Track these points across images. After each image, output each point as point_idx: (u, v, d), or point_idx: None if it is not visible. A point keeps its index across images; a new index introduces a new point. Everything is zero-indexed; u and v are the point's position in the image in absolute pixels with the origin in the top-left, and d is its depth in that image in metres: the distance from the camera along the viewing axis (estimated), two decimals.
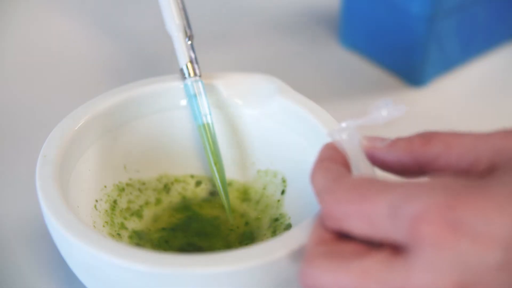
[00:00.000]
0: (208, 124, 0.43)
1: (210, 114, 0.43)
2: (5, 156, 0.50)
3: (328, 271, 0.29)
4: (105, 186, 0.42)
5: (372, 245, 0.30)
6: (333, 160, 0.34)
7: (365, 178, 0.31)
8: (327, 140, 0.40)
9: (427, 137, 0.33)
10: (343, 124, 0.35)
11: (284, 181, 0.43)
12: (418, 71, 0.58)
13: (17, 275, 0.42)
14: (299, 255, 0.33)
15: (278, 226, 0.42)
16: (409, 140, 0.34)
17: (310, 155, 0.42)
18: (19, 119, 0.54)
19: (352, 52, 0.62)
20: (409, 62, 0.58)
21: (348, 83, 0.57)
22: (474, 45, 0.61)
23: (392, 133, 0.36)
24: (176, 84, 0.44)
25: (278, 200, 0.43)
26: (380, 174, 0.34)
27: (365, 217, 0.29)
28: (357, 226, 0.30)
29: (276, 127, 0.44)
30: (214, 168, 0.42)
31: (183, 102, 0.44)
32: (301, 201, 0.41)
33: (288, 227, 0.41)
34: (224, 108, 0.44)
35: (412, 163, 0.33)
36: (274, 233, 0.41)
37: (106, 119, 0.42)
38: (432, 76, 0.59)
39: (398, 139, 0.34)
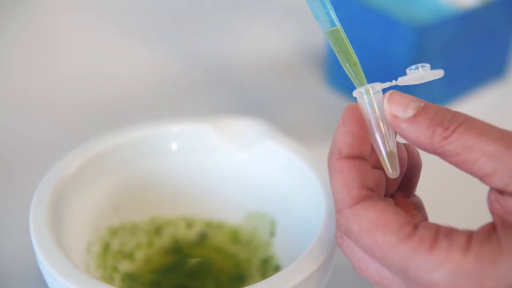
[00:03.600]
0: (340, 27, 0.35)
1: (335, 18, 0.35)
2: (0, 198, 0.51)
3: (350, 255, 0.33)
4: (98, 229, 0.43)
5: None
6: (353, 151, 0.32)
7: (382, 215, 0.30)
8: (314, 182, 0.41)
9: (450, 128, 0.30)
10: (368, 85, 0.33)
11: (273, 223, 0.44)
12: None
13: None
14: None
15: (267, 267, 0.42)
16: (431, 124, 0.31)
17: (298, 197, 0.43)
18: (13, 163, 0.54)
19: (339, 94, 0.63)
20: None
21: (335, 124, 0.57)
22: (458, 86, 0.62)
23: None
24: (167, 128, 0.45)
25: (267, 242, 0.44)
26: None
27: (377, 258, 0.30)
28: (370, 255, 0.31)
29: (265, 170, 0.44)
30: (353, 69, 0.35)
31: (174, 146, 0.45)
32: (289, 242, 0.42)
33: (277, 268, 0.42)
34: (214, 151, 0.45)
35: (428, 149, 0.31)
36: (264, 275, 0.42)
37: (99, 163, 0.43)
38: None
39: (421, 115, 0.31)
